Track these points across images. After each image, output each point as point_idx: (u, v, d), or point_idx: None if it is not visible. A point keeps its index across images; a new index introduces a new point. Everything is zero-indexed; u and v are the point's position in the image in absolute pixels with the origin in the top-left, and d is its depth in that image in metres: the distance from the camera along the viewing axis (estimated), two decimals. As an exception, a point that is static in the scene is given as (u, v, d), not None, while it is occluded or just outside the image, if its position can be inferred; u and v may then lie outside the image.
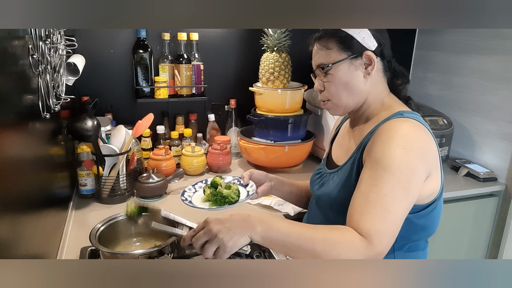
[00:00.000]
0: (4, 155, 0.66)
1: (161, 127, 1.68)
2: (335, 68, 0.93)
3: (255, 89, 1.68)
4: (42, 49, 0.87)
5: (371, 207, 0.77)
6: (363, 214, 0.78)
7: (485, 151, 1.79)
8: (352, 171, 0.91)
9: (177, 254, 1.02)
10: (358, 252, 0.74)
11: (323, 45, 0.95)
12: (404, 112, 0.91)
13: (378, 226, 0.76)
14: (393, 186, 0.78)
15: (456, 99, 1.91)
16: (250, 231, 0.78)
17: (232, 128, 1.86)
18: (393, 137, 0.83)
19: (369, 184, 0.80)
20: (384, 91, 0.98)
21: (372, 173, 0.81)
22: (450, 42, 1.92)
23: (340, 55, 0.92)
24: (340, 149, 1.06)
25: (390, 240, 0.77)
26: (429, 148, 0.86)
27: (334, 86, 0.95)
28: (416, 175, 0.81)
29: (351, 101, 0.96)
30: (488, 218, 1.73)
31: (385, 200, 0.77)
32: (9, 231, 0.65)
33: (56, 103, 0.98)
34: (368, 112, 0.97)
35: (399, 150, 0.80)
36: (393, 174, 0.79)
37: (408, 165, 0.80)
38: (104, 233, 1.00)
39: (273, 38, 1.60)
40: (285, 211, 1.34)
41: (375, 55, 0.92)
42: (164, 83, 1.68)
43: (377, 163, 0.81)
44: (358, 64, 0.93)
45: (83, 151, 1.43)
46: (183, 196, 1.04)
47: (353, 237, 0.75)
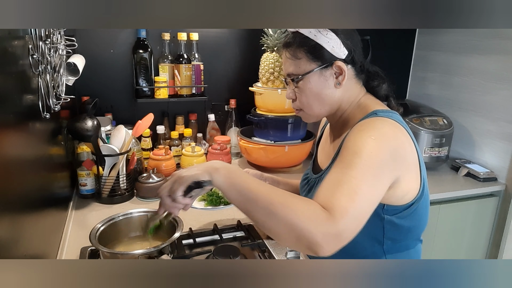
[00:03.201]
0: (4, 155, 0.66)
1: (161, 127, 1.68)
2: (305, 79, 0.91)
3: (255, 89, 1.68)
4: (42, 49, 0.87)
5: (338, 185, 0.73)
6: (329, 191, 0.73)
7: (485, 151, 1.79)
8: None
9: (177, 254, 1.02)
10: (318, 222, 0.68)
11: (292, 54, 0.92)
12: (379, 111, 0.89)
13: (343, 203, 0.70)
14: (362, 170, 0.75)
15: (456, 99, 1.91)
16: (212, 171, 0.77)
17: (232, 128, 1.86)
18: (365, 129, 0.81)
19: (339, 168, 0.77)
20: (359, 94, 0.96)
21: (342, 158, 0.78)
22: (450, 42, 1.92)
23: (310, 65, 0.90)
24: (323, 153, 1.05)
25: (354, 223, 0.70)
26: (402, 147, 0.83)
27: (305, 97, 0.93)
28: (385, 168, 0.78)
29: (323, 110, 0.95)
30: (488, 218, 1.73)
31: (353, 182, 0.73)
32: (9, 231, 0.65)
33: (56, 103, 0.98)
34: (344, 116, 0.96)
35: (371, 140, 0.78)
36: (363, 159, 0.75)
37: (379, 155, 0.77)
38: (104, 233, 1.00)
39: (273, 38, 1.60)
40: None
41: (345, 63, 0.90)
42: (164, 83, 1.68)
43: (348, 149, 0.79)
44: (328, 74, 0.91)
45: (83, 151, 1.43)
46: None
47: (315, 206, 0.70)
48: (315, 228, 0.67)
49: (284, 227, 0.69)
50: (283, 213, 0.69)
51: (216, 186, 0.78)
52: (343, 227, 0.68)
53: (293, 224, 0.68)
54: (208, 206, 0.98)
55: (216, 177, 0.77)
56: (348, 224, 0.69)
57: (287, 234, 0.70)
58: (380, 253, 0.90)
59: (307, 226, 0.67)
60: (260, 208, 0.72)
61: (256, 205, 0.72)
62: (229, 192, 0.76)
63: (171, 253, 0.99)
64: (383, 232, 0.88)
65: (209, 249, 1.06)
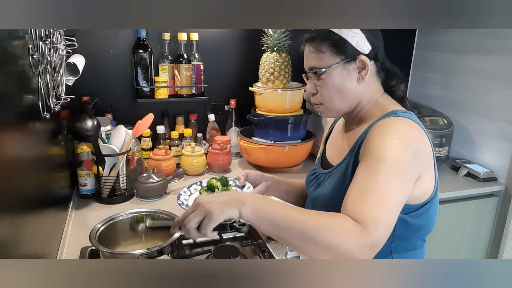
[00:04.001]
0: (4, 155, 0.66)
1: (161, 127, 1.68)
2: (328, 73, 0.91)
3: (255, 89, 1.68)
4: (42, 49, 0.87)
5: (367, 194, 0.74)
6: (358, 201, 0.74)
7: (485, 151, 1.79)
8: (347, 172, 0.90)
9: (177, 254, 1.02)
10: (353, 237, 0.69)
11: (315, 48, 0.92)
12: (398, 111, 0.90)
13: (374, 213, 0.72)
14: (389, 176, 0.76)
15: (456, 99, 1.91)
16: (240, 205, 0.76)
17: (232, 128, 1.86)
18: (388, 131, 0.82)
19: (365, 174, 0.78)
20: (378, 92, 0.96)
21: (367, 164, 0.79)
22: (450, 42, 1.92)
23: (333, 59, 0.90)
24: (333, 149, 1.05)
25: (386, 230, 0.73)
26: (423, 148, 0.85)
27: (327, 91, 0.93)
28: (409, 171, 0.80)
29: (344, 105, 0.95)
30: (488, 218, 1.73)
31: (381, 188, 0.75)
32: (9, 231, 0.65)
33: (56, 103, 0.98)
34: (361, 113, 0.97)
35: (395, 144, 0.79)
36: (389, 165, 0.77)
37: (404, 159, 0.79)
38: (104, 233, 1.00)
39: (273, 38, 1.60)
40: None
41: (368, 58, 0.90)
42: (164, 83, 1.68)
43: (372, 154, 0.79)
44: (352, 68, 0.91)
45: (83, 151, 1.43)
46: (179, 199, 1.03)
47: (347, 221, 0.72)
48: (351, 244, 0.69)
49: (321, 248, 0.71)
50: (318, 236, 0.70)
51: (246, 221, 0.78)
52: (376, 237, 0.70)
53: (330, 244, 0.70)
54: None
55: (245, 212, 0.76)
56: (381, 233, 0.71)
57: (326, 254, 0.71)
58: (387, 251, 0.90)
59: (343, 244, 0.69)
60: (295, 235, 0.73)
61: (290, 232, 0.73)
62: (260, 225, 0.76)
63: (171, 253, 0.99)
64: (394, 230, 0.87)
65: (209, 249, 1.06)
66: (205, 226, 0.76)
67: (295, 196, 1.19)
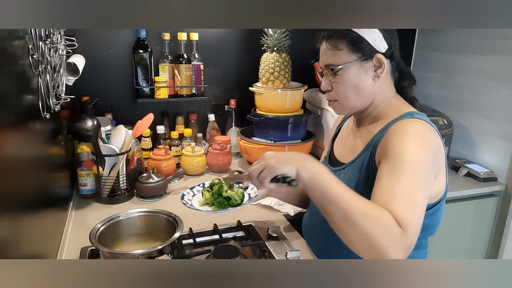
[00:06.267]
0: (4, 155, 0.66)
1: (161, 127, 1.68)
2: (344, 70, 0.92)
3: (255, 89, 1.68)
4: (42, 49, 0.87)
5: (399, 198, 0.75)
6: (392, 204, 0.75)
7: (485, 151, 1.79)
8: (361, 170, 0.91)
9: (177, 254, 1.02)
10: (393, 238, 0.71)
11: (333, 45, 0.93)
12: (414, 113, 0.91)
13: (410, 217, 0.73)
14: (415, 179, 0.77)
15: (456, 99, 1.91)
16: (300, 165, 0.79)
17: (232, 128, 1.86)
18: (409, 134, 0.83)
19: (391, 178, 0.78)
20: (391, 92, 0.98)
21: (392, 167, 0.80)
22: (450, 42, 1.92)
23: (350, 57, 0.91)
24: (343, 148, 1.05)
25: (417, 234, 0.74)
26: (439, 149, 0.86)
27: (342, 88, 0.94)
28: (431, 173, 0.82)
29: (359, 103, 0.96)
30: (488, 218, 1.73)
31: (410, 192, 0.76)
32: (9, 231, 0.65)
33: (56, 103, 0.98)
34: (375, 112, 0.97)
35: (417, 147, 0.81)
36: (414, 169, 0.78)
37: (426, 162, 0.80)
38: (104, 233, 1.00)
39: (273, 38, 1.60)
40: (285, 211, 1.34)
41: (385, 57, 0.91)
42: (164, 83, 1.68)
43: (396, 157, 0.80)
44: (368, 66, 0.92)
45: (83, 151, 1.43)
46: (183, 199, 1.02)
47: (392, 221, 0.72)
48: (389, 243, 0.71)
49: (359, 235, 0.73)
50: (361, 223, 0.72)
51: (301, 182, 0.81)
52: (412, 242, 0.73)
53: (369, 235, 0.71)
54: (217, 210, 0.98)
55: (302, 174, 0.79)
56: (415, 238, 0.73)
57: (360, 242, 0.73)
58: None
59: (382, 241, 0.71)
60: (339, 213, 0.75)
61: (335, 209, 0.75)
62: (312, 190, 0.80)
63: (171, 253, 0.99)
64: None
65: (209, 249, 1.06)
66: (263, 177, 0.82)
67: (297, 197, 1.19)
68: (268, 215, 1.32)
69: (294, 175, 0.80)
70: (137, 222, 1.08)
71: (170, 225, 1.03)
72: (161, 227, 1.06)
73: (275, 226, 1.17)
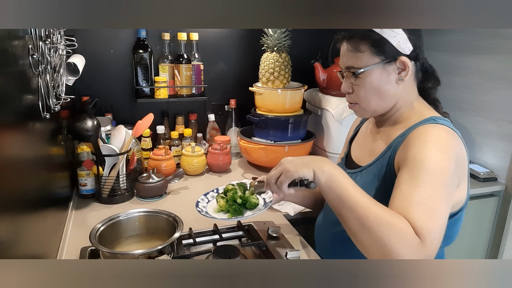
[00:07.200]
0: (4, 155, 0.66)
1: (161, 127, 1.68)
2: (366, 73, 0.88)
3: (255, 89, 1.68)
4: (42, 49, 0.87)
5: (418, 206, 0.72)
6: (411, 212, 0.72)
7: (485, 151, 1.79)
8: (379, 174, 0.88)
9: (177, 254, 1.02)
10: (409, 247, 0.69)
11: (354, 46, 0.89)
12: (437, 118, 0.87)
13: (430, 226, 0.71)
14: (436, 187, 0.74)
15: (456, 99, 1.91)
16: (317, 167, 0.78)
17: (232, 128, 1.86)
18: (431, 140, 0.80)
19: (411, 185, 0.75)
20: (414, 94, 0.94)
21: (413, 174, 0.77)
22: (450, 42, 1.92)
23: (372, 60, 0.87)
24: (361, 150, 1.03)
25: (438, 244, 0.72)
26: (462, 157, 0.83)
27: (364, 91, 0.90)
28: (453, 182, 0.79)
29: (380, 106, 0.92)
30: (488, 218, 1.73)
31: (430, 200, 0.73)
32: (9, 231, 0.65)
33: (56, 103, 0.98)
34: (396, 115, 0.94)
35: (440, 154, 0.78)
36: (436, 176, 0.75)
37: (449, 170, 0.77)
38: (104, 233, 1.00)
39: (273, 38, 1.60)
40: (285, 211, 1.34)
41: (409, 59, 0.88)
42: (164, 83, 1.68)
43: (417, 164, 0.77)
44: (391, 69, 0.88)
45: (83, 151, 1.43)
46: (198, 207, 0.99)
47: (409, 229, 0.70)
48: (405, 252, 0.69)
49: (374, 242, 0.71)
50: (376, 229, 0.70)
51: (318, 185, 0.80)
52: (430, 251, 0.70)
53: (384, 243, 0.69)
54: (232, 217, 0.96)
55: (319, 176, 0.78)
56: (434, 248, 0.71)
57: (375, 249, 0.71)
58: None
59: (397, 249, 0.69)
60: (354, 218, 0.73)
61: (351, 214, 0.74)
62: (328, 193, 0.79)
63: (171, 253, 0.99)
64: None
65: (209, 249, 1.06)
66: (281, 182, 0.82)
67: (313, 200, 1.17)
68: (268, 215, 1.32)
69: (311, 177, 0.79)
70: (137, 222, 1.08)
71: (170, 225, 1.03)
72: (161, 227, 1.06)
73: (275, 226, 1.17)
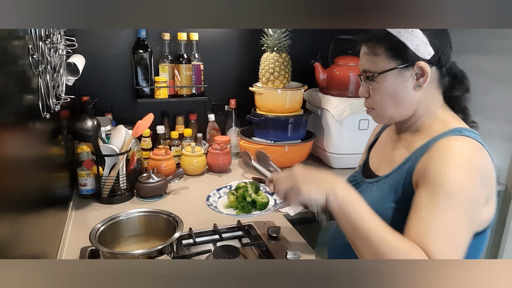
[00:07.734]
0: (4, 155, 0.66)
1: (161, 127, 1.68)
2: (382, 77, 0.84)
3: (255, 89, 1.68)
4: (42, 49, 0.87)
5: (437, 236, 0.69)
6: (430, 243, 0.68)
7: (485, 151, 1.79)
8: (397, 185, 0.84)
9: (177, 254, 1.02)
10: None
11: (371, 49, 0.85)
12: (463, 129, 0.82)
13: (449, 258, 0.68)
14: (459, 215, 0.70)
15: (456, 99, 1.91)
16: (330, 192, 0.74)
17: (232, 128, 1.86)
18: (454, 158, 0.74)
19: (431, 210, 0.71)
20: (437, 101, 0.88)
21: (433, 198, 0.72)
22: (450, 42, 1.92)
23: (389, 64, 0.83)
24: (379, 158, 0.99)
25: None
26: (489, 173, 0.78)
27: (379, 96, 0.86)
28: (479, 204, 0.74)
29: (397, 113, 0.87)
30: (488, 218, 1.73)
31: (450, 230, 0.69)
32: (9, 231, 0.65)
33: (56, 103, 0.98)
34: (418, 123, 0.89)
35: (464, 175, 0.72)
36: (458, 201, 0.71)
37: (473, 192, 0.72)
38: (104, 233, 1.00)
39: (273, 38, 1.60)
40: (285, 211, 1.34)
41: (430, 64, 0.82)
42: (164, 83, 1.68)
43: (438, 186, 0.72)
44: (408, 74, 0.83)
45: (83, 151, 1.43)
46: (208, 201, 1.00)
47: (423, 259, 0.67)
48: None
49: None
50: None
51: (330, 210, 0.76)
52: None
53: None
54: (241, 213, 0.96)
55: (332, 202, 0.74)
56: None
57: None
58: None
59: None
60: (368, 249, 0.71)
61: (364, 244, 0.71)
62: (341, 221, 0.75)
63: (171, 253, 0.99)
64: None
65: (209, 249, 1.06)
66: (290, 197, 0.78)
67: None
68: (268, 215, 1.31)
69: (322, 202, 0.75)
70: (137, 222, 1.08)
71: (170, 225, 1.03)
72: (161, 227, 1.06)
73: (275, 226, 1.17)
